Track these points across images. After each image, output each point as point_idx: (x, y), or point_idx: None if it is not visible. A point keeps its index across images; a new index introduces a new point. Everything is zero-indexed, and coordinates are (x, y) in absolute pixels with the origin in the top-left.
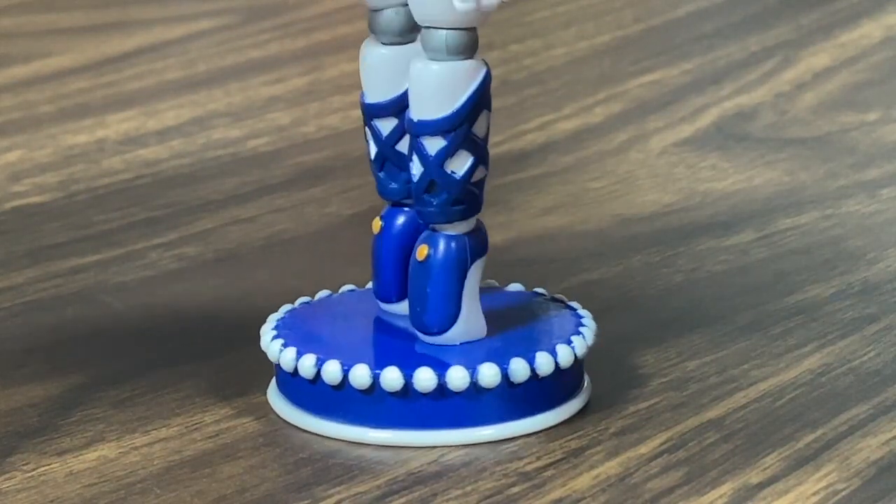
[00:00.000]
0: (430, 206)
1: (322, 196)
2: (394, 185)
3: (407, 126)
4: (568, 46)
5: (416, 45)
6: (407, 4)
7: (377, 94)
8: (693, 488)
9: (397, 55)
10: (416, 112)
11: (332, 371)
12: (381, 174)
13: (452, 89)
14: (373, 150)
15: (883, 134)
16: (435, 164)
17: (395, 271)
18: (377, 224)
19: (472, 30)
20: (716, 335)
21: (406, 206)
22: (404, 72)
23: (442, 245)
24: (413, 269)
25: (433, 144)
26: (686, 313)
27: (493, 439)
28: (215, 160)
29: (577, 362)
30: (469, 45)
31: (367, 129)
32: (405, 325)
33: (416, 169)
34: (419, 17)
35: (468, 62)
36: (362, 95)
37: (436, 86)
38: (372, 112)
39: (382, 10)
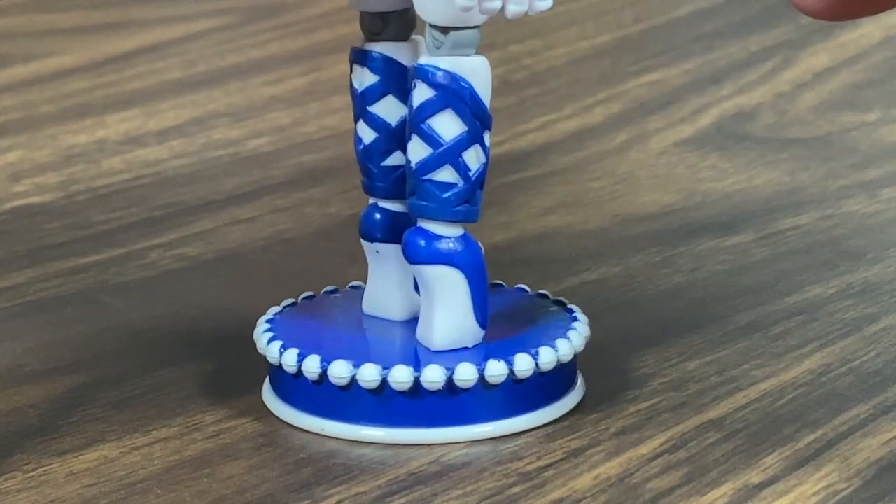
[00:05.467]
0: None
1: (322, 196)
2: None
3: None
4: (568, 46)
5: None
6: None
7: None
8: (693, 488)
9: None
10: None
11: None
12: None
13: None
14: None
15: (883, 134)
16: None
17: None
18: None
19: None
20: (716, 335)
21: None
22: None
23: None
24: None
25: None
26: (686, 313)
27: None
28: (215, 160)
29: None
30: None
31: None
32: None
33: None
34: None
35: None
36: (491, 114)
37: None
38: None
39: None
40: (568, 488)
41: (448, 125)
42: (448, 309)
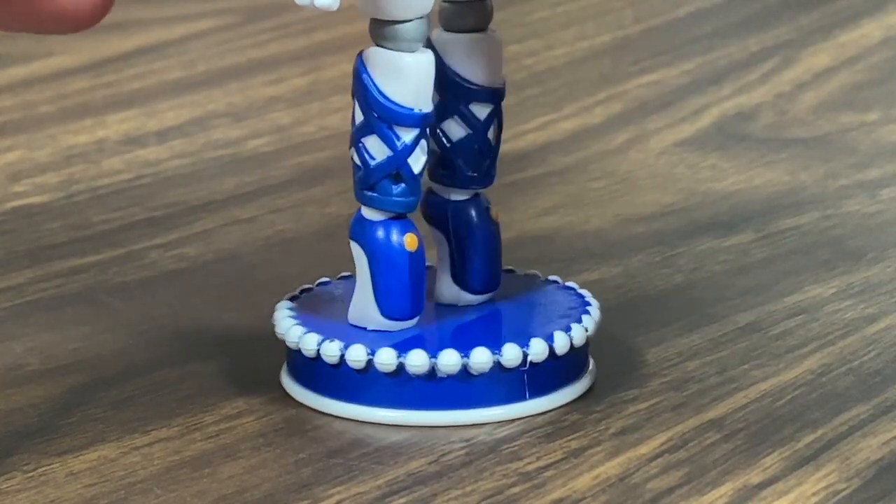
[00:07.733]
0: (493, 171)
1: (322, 196)
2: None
3: (490, 97)
4: (568, 46)
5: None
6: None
7: (429, 100)
8: (693, 488)
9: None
10: (496, 79)
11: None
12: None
13: None
14: (422, 161)
15: (883, 134)
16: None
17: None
18: (415, 241)
19: None
20: (716, 335)
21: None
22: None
23: None
24: (491, 233)
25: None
26: (686, 313)
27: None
28: (215, 160)
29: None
30: None
31: (424, 140)
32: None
33: (493, 135)
34: None
35: None
36: (409, 111)
37: None
38: (431, 119)
39: (420, 18)
40: (568, 488)
41: (356, 109)
42: (358, 286)
